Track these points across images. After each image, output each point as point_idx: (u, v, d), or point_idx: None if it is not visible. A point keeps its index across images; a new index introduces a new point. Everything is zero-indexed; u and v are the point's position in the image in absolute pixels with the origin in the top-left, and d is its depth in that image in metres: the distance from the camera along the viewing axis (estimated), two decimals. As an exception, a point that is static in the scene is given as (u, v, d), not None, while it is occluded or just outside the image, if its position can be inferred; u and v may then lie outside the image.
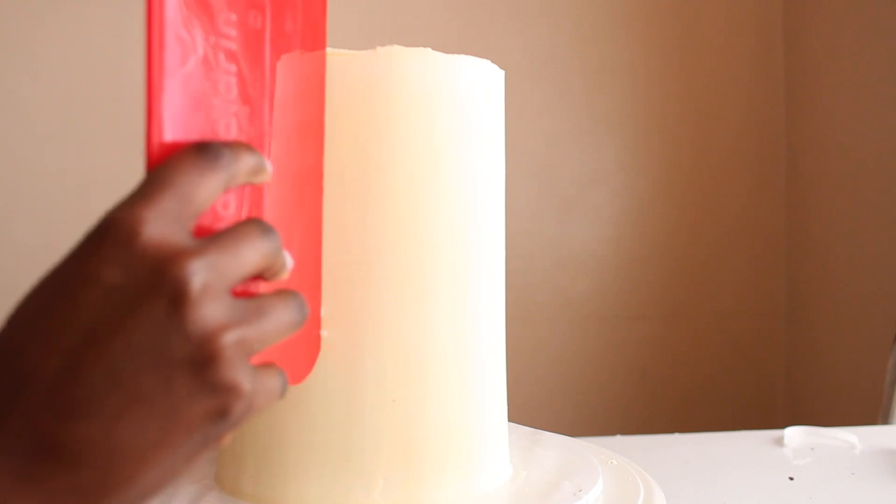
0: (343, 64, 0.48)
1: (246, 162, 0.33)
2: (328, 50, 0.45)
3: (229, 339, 0.29)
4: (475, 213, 0.53)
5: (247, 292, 0.32)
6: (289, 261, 0.34)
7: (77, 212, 1.76)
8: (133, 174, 1.81)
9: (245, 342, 0.30)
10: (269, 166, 0.34)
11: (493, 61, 0.58)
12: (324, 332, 0.45)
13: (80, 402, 0.28)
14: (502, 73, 0.57)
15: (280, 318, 0.32)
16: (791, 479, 0.79)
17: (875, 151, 1.66)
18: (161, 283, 0.28)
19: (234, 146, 0.32)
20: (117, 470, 0.28)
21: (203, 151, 0.31)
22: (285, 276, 0.34)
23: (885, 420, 1.26)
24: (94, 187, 1.76)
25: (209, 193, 0.31)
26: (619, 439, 0.91)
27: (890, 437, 0.92)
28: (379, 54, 0.49)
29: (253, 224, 0.32)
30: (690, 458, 0.85)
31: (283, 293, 0.33)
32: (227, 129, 0.35)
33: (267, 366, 0.32)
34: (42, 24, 1.74)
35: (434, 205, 0.51)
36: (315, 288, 0.44)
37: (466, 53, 0.54)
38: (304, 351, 0.43)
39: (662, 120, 1.95)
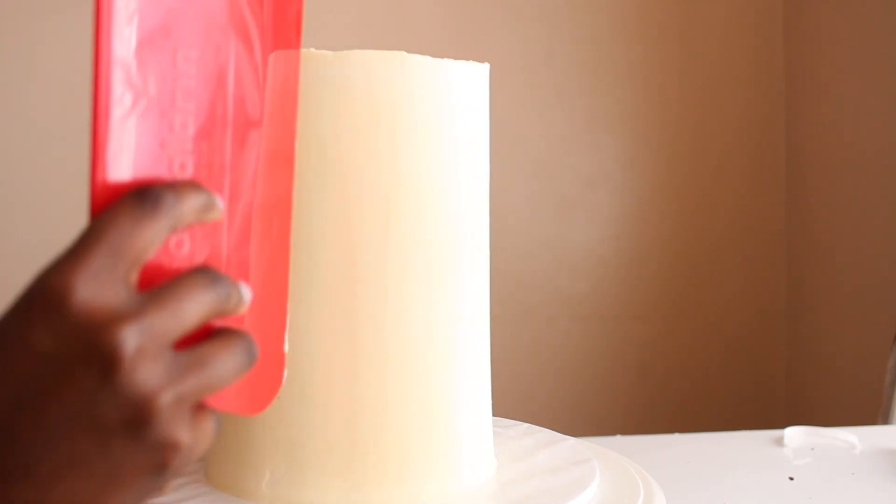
0: (316, 65, 0.48)
1: (191, 202, 0.31)
2: (304, 50, 0.45)
3: (166, 398, 0.29)
4: (456, 211, 0.53)
5: (188, 343, 0.31)
6: (246, 295, 0.33)
7: (77, 212, 1.76)
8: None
9: (184, 397, 0.29)
10: (219, 203, 0.33)
11: (492, 62, 0.58)
12: (286, 347, 0.44)
13: (15, 466, 0.28)
14: (486, 66, 0.57)
15: (224, 366, 0.31)
16: (791, 479, 0.79)
17: (875, 152, 1.66)
18: (93, 350, 0.27)
19: (179, 187, 0.31)
20: None
21: (141, 197, 0.30)
22: (243, 311, 0.33)
23: (885, 420, 1.26)
24: (94, 187, 1.76)
25: (148, 242, 0.30)
26: (619, 439, 0.91)
27: (890, 437, 0.92)
28: (350, 57, 0.49)
29: (198, 274, 0.31)
30: (690, 458, 0.85)
31: (228, 337, 0.32)
32: (183, 167, 0.33)
33: (200, 410, 0.31)
34: (42, 24, 1.74)
35: (412, 204, 0.51)
36: (280, 317, 0.43)
37: (465, 54, 0.54)
38: (266, 378, 0.42)
39: (662, 120, 1.95)
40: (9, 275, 1.73)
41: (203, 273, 0.31)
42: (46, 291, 0.28)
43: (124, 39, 0.31)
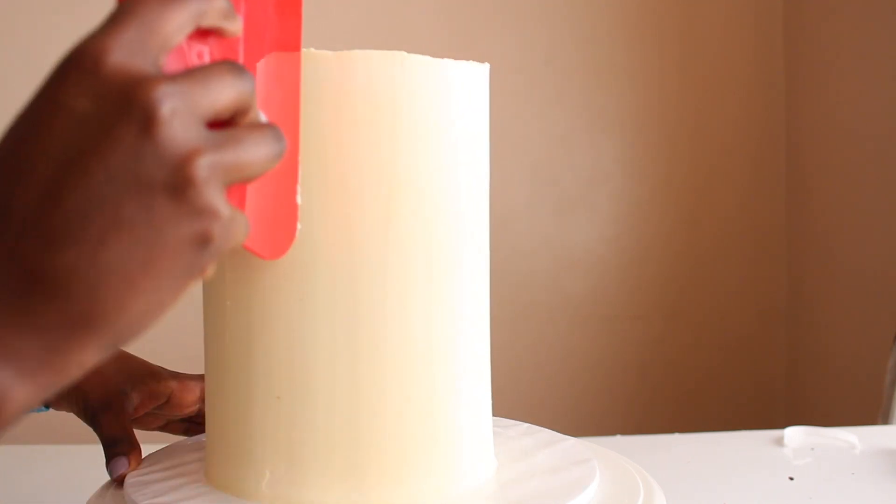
0: (316, 65, 0.48)
1: (217, 3, 0.32)
2: (303, 50, 0.45)
3: (204, 162, 0.29)
4: (456, 211, 0.53)
5: (220, 124, 0.31)
6: (263, 116, 0.34)
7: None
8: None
9: (220, 168, 0.30)
10: (239, 18, 0.34)
11: (492, 62, 0.58)
12: (299, 199, 0.45)
13: (62, 229, 0.28)
14: (486, 66, 0.57)
15: (256, 148, 0.31)
16: (791, 479, 0.79)
17: (875, 151, 1.66)
18: (130, 106, 0.28)
19: None
20: (105, 297, 0.28)
21: None
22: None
23: (885, 420, 1.26)
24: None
25: (177, 25, 0.30)
26: (619, 439, 0.91)
27: (890, 437, 0.92)
28: (351, 57, 0.49)
29: (226, 63, 0.31)
30: (690, 458, 0.85)
31: (258, 125, 0.32)
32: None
33: (233, 199, 0.32)
34: (42, 24, 1.74)
35: (412, 204, 0.51)
36: (292, 169, 0.44)
37: (465, 55, 0.54)
38: (281, 224, 0.44)
39: (662, 120, 1.95)
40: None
41: (230, 63, 0.31)
42: (82, 55, 0.28)
43: None
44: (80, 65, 0.28)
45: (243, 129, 0.31)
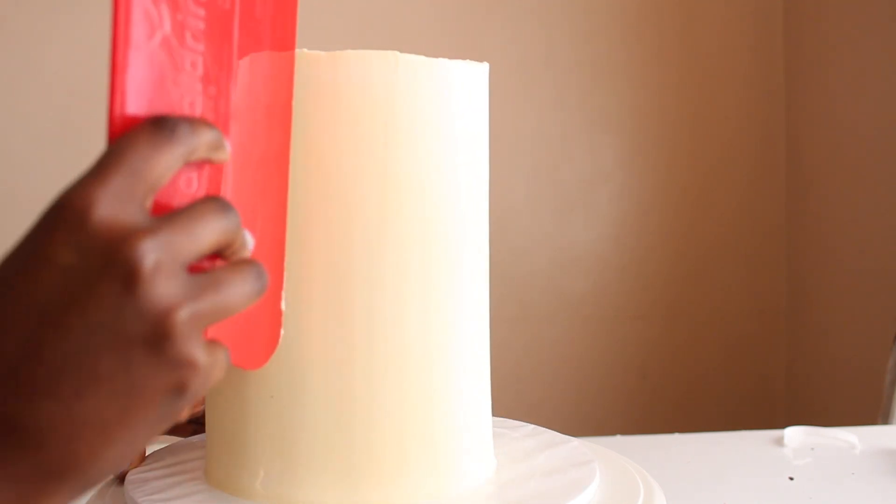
0: (309, 65, 0.48)
1: (205, 136, 0.32)
2: (297, 50, 0.45)
3: (183, 314, 0.29)
4: (455, 211, 0.53)
5: (202, 268, 0.32)
6: (249, 240, 0.34)
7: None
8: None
9: (200, 316, 0.30)
10: (227, 144, 0.34)
11: (491, 62, 0.58)
12: (283, 305, 0.45)
13: (40, 382, 0.28)
14: (485, 66, 0.57)
15: (237, 289, 0.32)
16: (791, 479, 0.79)
17: (875, 151, 1.66)
18: (113, 263, 0.28)
19: (193, 120, 0.32)
20: (80, 448, 0.29)
21: (159, 125, 0.31)
22: (246, 254, 0.34)
23: (885, 420, 1.26)
24: (94, 187, 1.76)
25: (165, 168, 0.31)
26: (619, 439, 0.91)
27: (890, 437, 0.92)
28: (345, 57, 0.49)
29: (211, 201, 0.32)
30: (690, 458, 0.85)
31: (240, 264, 0.33)
32: (192, 106, 0.35)
33: (213, 341, 0.32)
34: (42, 24, 1.74)
35: (411, 204, 0.51)
36: (277, 273, 0.44)
37: (464, 54, 0.54)
38: (264, 334, 0.43)
39: (662, 120, 1.95)
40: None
41: (215, 201, 0.32)
42: (68, 207, 0.29)
43: None
44: (66, 217, 0.29)
45: (224, 270, 0.32)
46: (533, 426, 0.68)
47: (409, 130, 0.50)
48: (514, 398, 1.85)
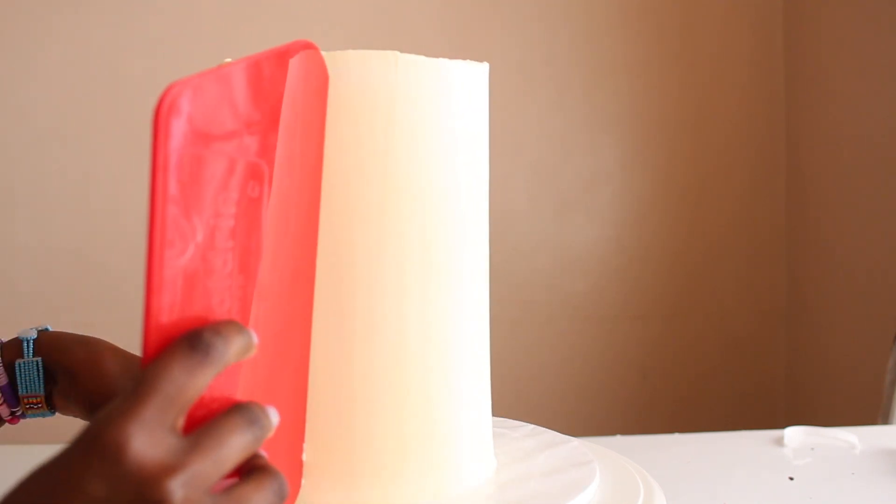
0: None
1: (236, 345, 0.33)
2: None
3: None
4: (455, 211, 0.53)
5: (225, 485, 0.33)
6: (275, 419, 0.35)
7: (77, 212, 1.76)
8: (133, 174, 1.79)
9: None
10: (255, 339, 0.35)
11: (491, 62, 0.58)
12: (304, 457, 0.46)
13: None
14: (486, 66, 0.57)
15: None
16: (791, 479, 0.79)
17: (875, 152, 1.66)
18: (143, 500, 0.30)
19: (224, 331, 0.33)
20: None
21: (194, 347, 0.32)
22: (270, 435, 0.35)
23: (885, 420, 1.26)
24: (94, 187, 1.76)
25: (199, 389, 0.32)
26: (619, 439, 0.91)
27: (890, 437, 0.92)
28: (344, 57, 0.49)
29: (237, 416, 0.33)
30: (690, 458, 0.85)
31: (261, 479, 0.34)
32: (222, 303, 0.35)
33: None
34: (42, 24, 1.74)
35: (411, 204, 0.51)
36: (299, 425, 0.45)
37: (465, 54, 0.54)
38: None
39: (662, 120, 1.95)
40: (9, 275, 1.74)
41: (241, 413, 0.33)
42: (104, 442, 0.30)
43: (174, 186, 0.32)
44: (101, 452, 0.30)
45: (245, 489, 0.33)
46: (533, 426, 0.68)
47: (410, 130, 0.50)
48: (514, 398, 1.85)
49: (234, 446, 0.33)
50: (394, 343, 0.50)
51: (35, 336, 0.58)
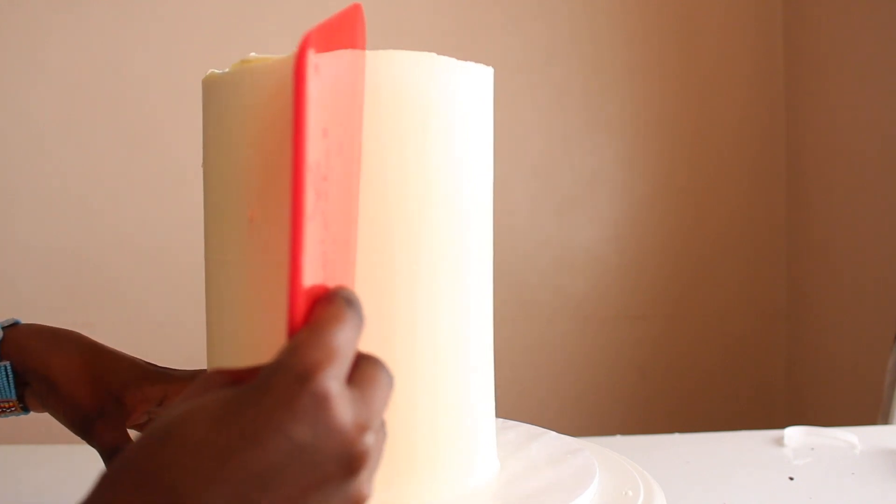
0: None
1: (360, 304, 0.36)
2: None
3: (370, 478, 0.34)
4: (460, 213, 0.53)
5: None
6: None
7: (77, 212, 1.76)
8: (132, 174, 1.79)
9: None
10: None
11: (492, 62, 0.58)
12: None
13: None
14: (490, 69, 0.57)
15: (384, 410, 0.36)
16: (791, 479, 0.79)
17: (875, 152, 1.66)
18: (346, 454, 0.31)
19: (349, 289, 0.36)
20: None
21: (353, 306, 0.35)
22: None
23: (885, 420, 1.26)
24: (94, 187, 1.76)
25: (358, 343, 0.35)
26: (619, 439, 0.91)
27: (890, 437, 0.92)
28: (375, 57, 0.49)
29: (382, 370, 0.35)
30: (690, 458, 0.85)
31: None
32: (325, 258, 0.37)
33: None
34: (43, 25, 1.74)
35: (420, 202, 0.51)
36: None
37: (465, 55, 0.54)
38: None
39: (662, 120, 1.95)
40: (9, 275, 1.74)
41: (384, 368, 0.36)
42: (314, 392, 0.31)
43: (315, 148, 0.34)
44: (311, 401, 0.31)
45: (380, 403, 0.35)
46: (528, 425, 0.68)
47: (427, 130, 0.51)
48: (515, 398, 1.85)
49: (386, 399, 0.35)
50: (399, 342, 0.50)
51: (0, 336, 0.57)
